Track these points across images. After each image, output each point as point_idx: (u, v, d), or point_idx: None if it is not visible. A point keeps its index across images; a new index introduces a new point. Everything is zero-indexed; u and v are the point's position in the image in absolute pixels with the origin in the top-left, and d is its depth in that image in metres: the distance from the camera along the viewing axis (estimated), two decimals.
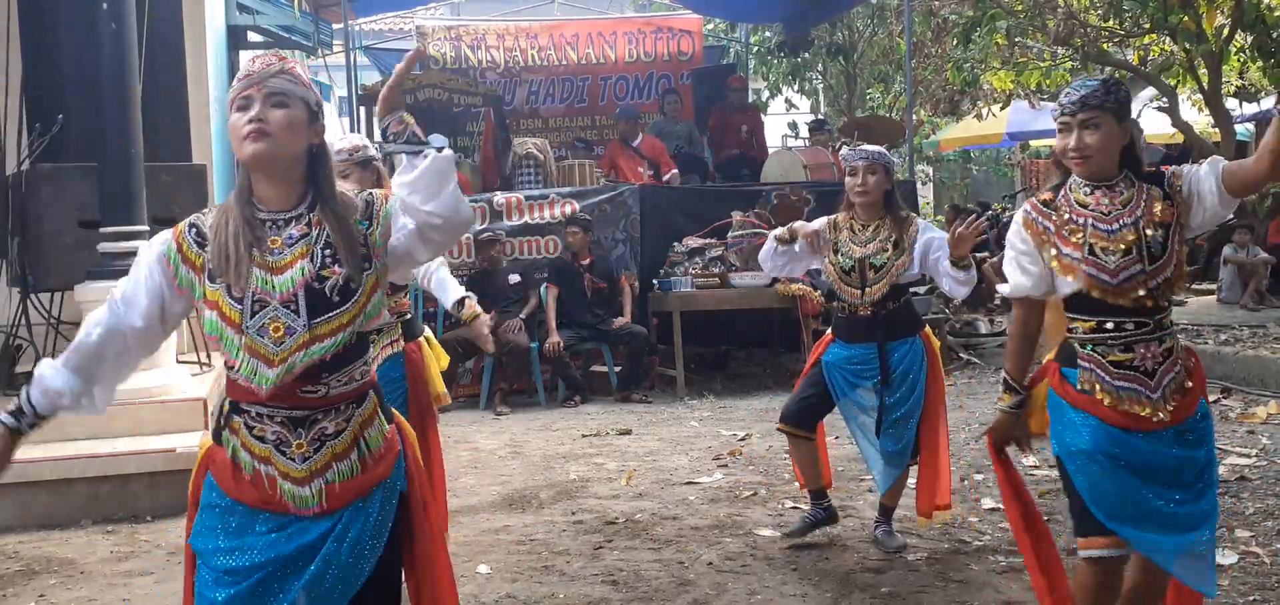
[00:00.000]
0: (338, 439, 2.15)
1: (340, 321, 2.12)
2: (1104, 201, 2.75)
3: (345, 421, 2.17)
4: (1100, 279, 2.71)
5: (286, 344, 2.08)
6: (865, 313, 4.26)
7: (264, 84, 2.10)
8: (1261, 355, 7.49)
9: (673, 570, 4.25)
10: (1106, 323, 2.74)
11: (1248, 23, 10.61)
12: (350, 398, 2.18)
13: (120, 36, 5.78)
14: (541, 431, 7.32)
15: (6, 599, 4.18)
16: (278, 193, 2.16)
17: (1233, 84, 13.53)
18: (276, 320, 2.09)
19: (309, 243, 2.13)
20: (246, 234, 2.11)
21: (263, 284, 2.10)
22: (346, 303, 2.12)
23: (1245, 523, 4.51)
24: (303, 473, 2.13)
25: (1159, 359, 2.72)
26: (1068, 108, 2.72)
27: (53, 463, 5.20)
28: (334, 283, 2.11)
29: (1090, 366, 2.75)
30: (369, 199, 2.22)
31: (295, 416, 2.13)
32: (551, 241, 9.06)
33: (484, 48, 12.57)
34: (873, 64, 16.07)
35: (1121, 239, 2.71)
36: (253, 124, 2.08)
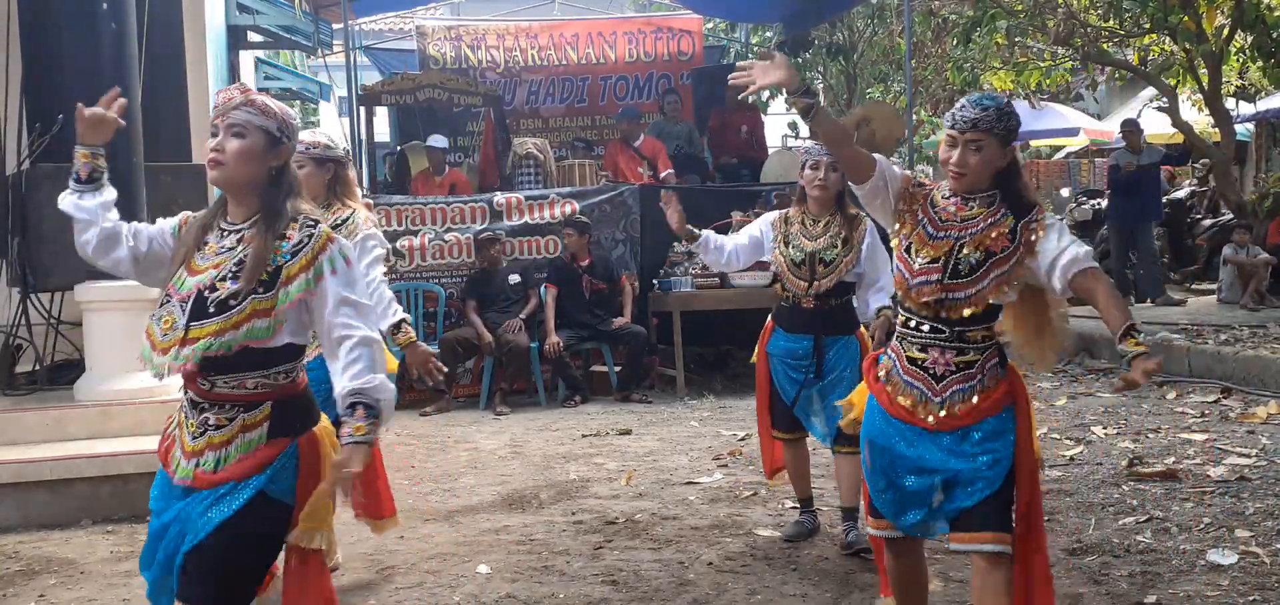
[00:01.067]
0: (217, 432, 2.42)
1: (210, 330, 2.35)
2: (949, 208, 2.84)
3: (227, 419, 2.42)
4: (902, 275, 2.86)
5: (169, 337, 2.39)
6: (808, 305, 4.36)
7: (227, 116, 2.41)
8: (1261, 355, 7.49)
9: (673, 570, 4.25)
10: (911, 320, 2.89)
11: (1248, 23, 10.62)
12: (238, 401, 2.42)
13: (120, 36, 5.78)
14: (541, 431, 7.32)
15: (6, 599, 4.18)
16: (237, 209, 2.49)
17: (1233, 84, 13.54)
18: (169, 315, 2.40)
19: (230, 255, 2.41)
20: (192, 240, 2.46)
21: (176, 281, 2.43)
22: (220, 315, 2.36)
23: (1245, 523, 4.51)
24: (190, 448, 2.44)
25: (950, 366, 2.82)
26: (959, 123, 2.76)
27: (53, 463, 5.20)
28: (219, 295, 2.37)
29: (892, 356, 2.93)
30: (307, 237, 2.42)
31: (192, 399, 2.46)
32: (551, 241, 9.07)
33: (484, 48, 12.57)
34: (873, 64, 16.07)
35: (936, 248, 2.81)
36: (212, 154, 2.42)
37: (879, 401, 2.92)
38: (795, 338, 4.40)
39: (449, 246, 8.95)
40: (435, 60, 12.32)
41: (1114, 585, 3.89)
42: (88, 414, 5.60)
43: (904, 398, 2.85)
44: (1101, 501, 4.95)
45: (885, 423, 2.89)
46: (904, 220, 2.89)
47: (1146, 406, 7.12)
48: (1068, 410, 7.09)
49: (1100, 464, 5.63)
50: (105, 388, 5.67)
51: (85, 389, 5.74)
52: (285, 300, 2.38)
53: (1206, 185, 13.59)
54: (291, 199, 2.47)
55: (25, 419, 5.60)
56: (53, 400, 5.86)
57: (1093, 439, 6.23)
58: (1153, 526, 4.55)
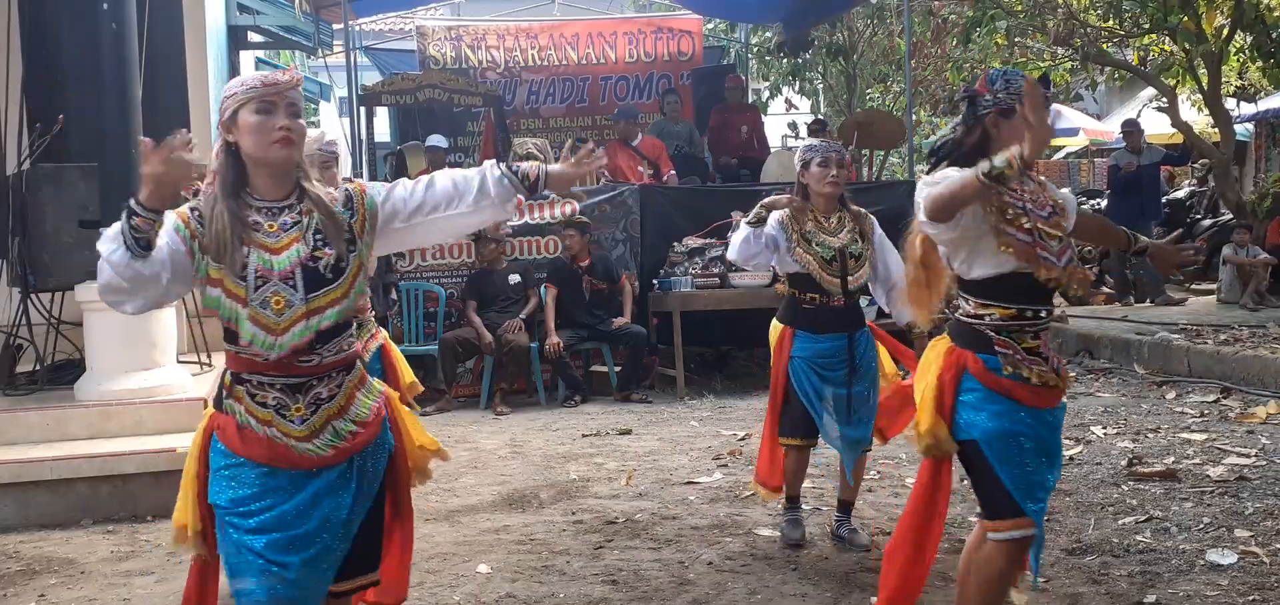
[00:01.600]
0: (331, 402, 2.44)
1: (334, 296, 2.41)
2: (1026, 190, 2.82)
3: (337, 387, 2.45)
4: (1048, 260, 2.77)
5: (286, 315, 2.36)
6: (838, 303, 4.31)
7: (287, 94, 2.42)
8: (1261, 355, 7.50)
9: (673, 570, 4.25)
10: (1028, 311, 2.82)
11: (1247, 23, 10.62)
12: (341, 366, 2.47)
13: (120, 36, 5.78)
14: (541, 431, 7.32)
15: (6, 599, 4.19)
16: (274, 185, 2.45)
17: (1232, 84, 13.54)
18: (278, 294, 2.37)
19: (301, 228, 2.42)
20: (236, 220, 2.37)
21: (263, 262, 2.38)
22: (338, 279, 2.42)
23: (1245, 522, 4.51)
24: (303, 432, 2.40)
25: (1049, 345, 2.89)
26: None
27: (53, 463, 5.20)
28: (326, 262, 2.41)
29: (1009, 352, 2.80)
30: (348, 192, 2.53)
31: (293, 383, 2.41)
32: (551, 241, 9.07)
33: (484, 48, 12.58)
34: (873, 64, 16.07)
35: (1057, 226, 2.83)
36: (284, 131, 2.39)
37: (1017, 397, 2.79)
38: (826, 338, 4.31)
39: (449, 246, 8.94)
40: (435, 60, 12.33)
41: (1113, 585, 3.89)
42: (88, 414, 5.60)
43: (1029, 379, 2.79)
44: (1101, 501, 4.95)
45: (1020, 413, 2.79)
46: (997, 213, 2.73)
47: (1146, 406, 7.12)
48: (1067, 410, 7.08)
49: (1100, 464, 5.63)
50: (105, 388, 5.67)
51: (85, 389, 5.74)
52: (367, 249, 2.50)
53: (1206, 185, 13.60)
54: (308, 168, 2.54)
55: (25, 419, 5.60)
56: (53, 400, 5.86)
57: (1092, 439, 6.23)
58: (1152, 526, 4.55)
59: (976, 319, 2.82)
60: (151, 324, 5.79)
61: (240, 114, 2.39)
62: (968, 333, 2.84)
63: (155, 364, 5.80)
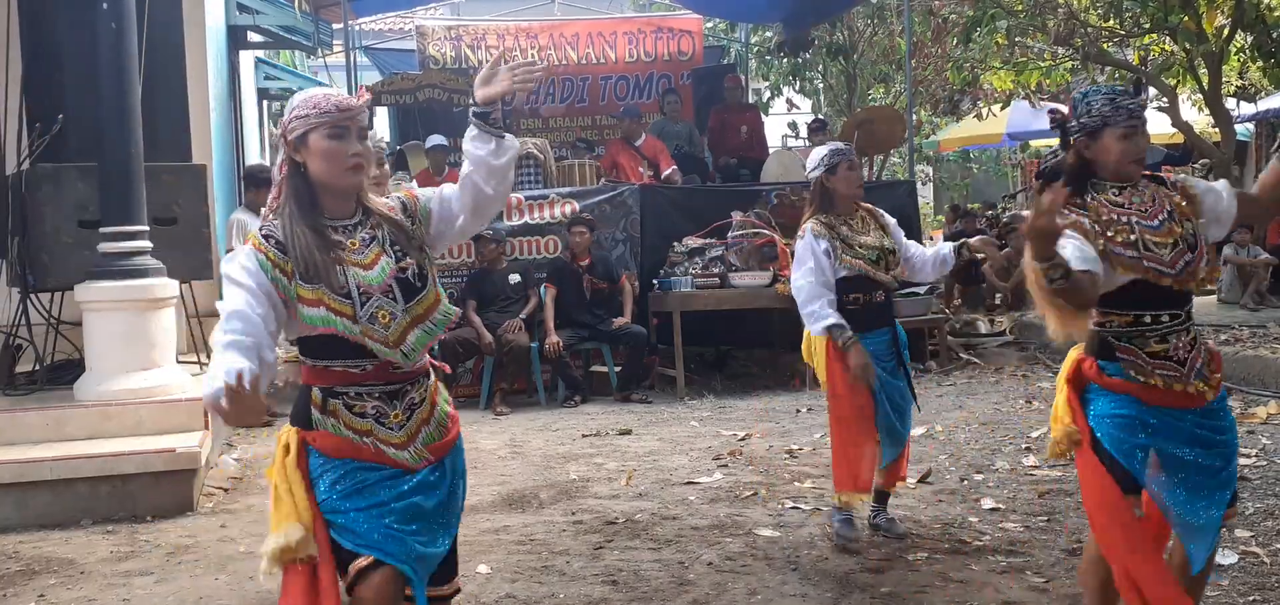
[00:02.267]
0: (422, 406, 2.53)
1: (428, 301, 2.49)
2: (1127, 200, 2.87)
3: (423, 392, 2.54)
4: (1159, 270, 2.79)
5: (393, 327, 2.42)
6: (880, 298, 4.43)
7: (357, 118, 2.46)
8: (1262, 355, 7.49)
9: (673, 570, 4.24)
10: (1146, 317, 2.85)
11: (1248, 23, 10.61)
12: (423, 372, 2.56)
13: (120, 36, 5.78)
14: (541, 431, 7.32)
15: (6, 599, 4.18)
16: (343, 205, 2.50)
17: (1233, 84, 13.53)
18: (382, 308, 2.42)
19: (380, 243, 2.49)
20: (322, 243, 2.41)
21: (362, 279, 2.43)
22: (426, 286, 2.50)
23: (1245, 522, 4.51)
24: (401, 438, 2.48)
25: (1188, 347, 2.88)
26: (1136, 115, 2.87)
27: (52, 463, 5.20)
28: (413, 270, 2.49)
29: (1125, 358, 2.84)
30: (402, 201, 2.58)
31: (390, 390, 2.48)
32: (551, 241, 9.07)
33: (484, 48, 12.57)
34: (873, 64, 16.07)
35: (1169, 233, 2.83)
36: (357, 158, 2.45)
37: (1136, 395, 2.82)
38: (874, 335, 4.37)
39: (448, 246, 8.94)
40: (435, 60, 12.32)
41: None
42: (88, 414, 5.60)
43: (1158, 379, 2.81)
44: None
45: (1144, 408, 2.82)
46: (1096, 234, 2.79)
47: None
48: None
49: None
50: (105, 388, 5.67)
51: (85, 389, 5.74)
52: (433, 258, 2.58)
53: None
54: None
55: (25, 419, 5.60)
56: (53, 400, 5.86)
57: None
58: None
59: (1100, 327, 2.89)
60: (151, 324, 5.79)
61: (310, 137, 2.41)
62: (1094, 340, 2.91)
63: (154, 364, 5.80)
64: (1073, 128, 2.90)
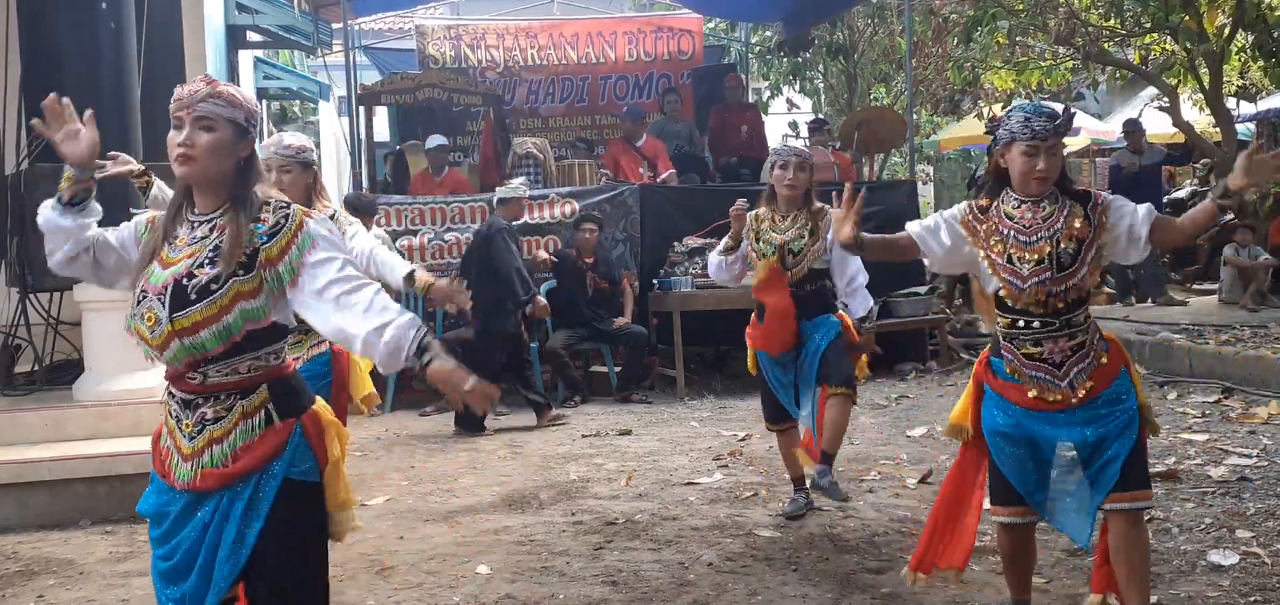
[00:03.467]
0: (217, 424, 2.32)
1: (195, 318, 2.25)
2: (1026, 214, 3.09)
3: (225, 410, 2.32)
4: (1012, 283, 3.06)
5: (156, 333, 2.28)
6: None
7: (193, 108, 2.30)
8: (1263, 356, 7.48)
9: (673, 570, 4.24)
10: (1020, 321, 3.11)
11: (1249, 22, 10.61)
12: (233, 388, 2.33)
13: (120, 36, 5.77)
14: (541, 431, 7.31)
15: (6, 599, 4.18)
16: (204, 200, 2.37)
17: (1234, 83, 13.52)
18: (150, 310, 2.30)
19: (204, 243, 2.32)
20: (159, 235, 2.36)
21: (151, 276, 2.33)
22: (202, 301, 2.26)
23: (1246, 523, 4.50)
24: (188, 451, 2.33)
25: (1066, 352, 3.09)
26: (1040, 133, 3.00)
27: (52, 463, 5.20)
28: (198, 281, 2.27)
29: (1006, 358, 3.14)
30: (283, 219, 2.33)
31: (185, 398, 2.35)
32: (551, 241, 9.06)
33: (484, 47, 12.57)
34: (873, 64, 16.06)
35: (1038, 250, 3.05)
36: (181, 149, 2.30)
37: (1009, 397, 3.13)
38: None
39: (448, 246, 8.95)
40: (435, 60, 12.32)
41: None
42: (87, 414, 5.60)
43: (1032, 389, 3.09)
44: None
45: (1020, 414, 3.12)
46: (987, 242, 3.11)
47: None
48: None
49: None
50: (104, 388, 5.66)
51: (84, 389, 5.73)
52: (275, 282, 2.29)
53: (1208, 185, 13.58)
54: (258, 185, 2.38)
55: (25, 419, 5.60)
56: (52, 400, 5.85)
57: None
58: (1153, 527, 4.54)
59: (997, 328, 3.20)
60: None
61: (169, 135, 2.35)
62: (992, 339, 3.25)
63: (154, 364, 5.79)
64: (997, 137, 3.10)
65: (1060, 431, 3.10)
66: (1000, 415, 3.16)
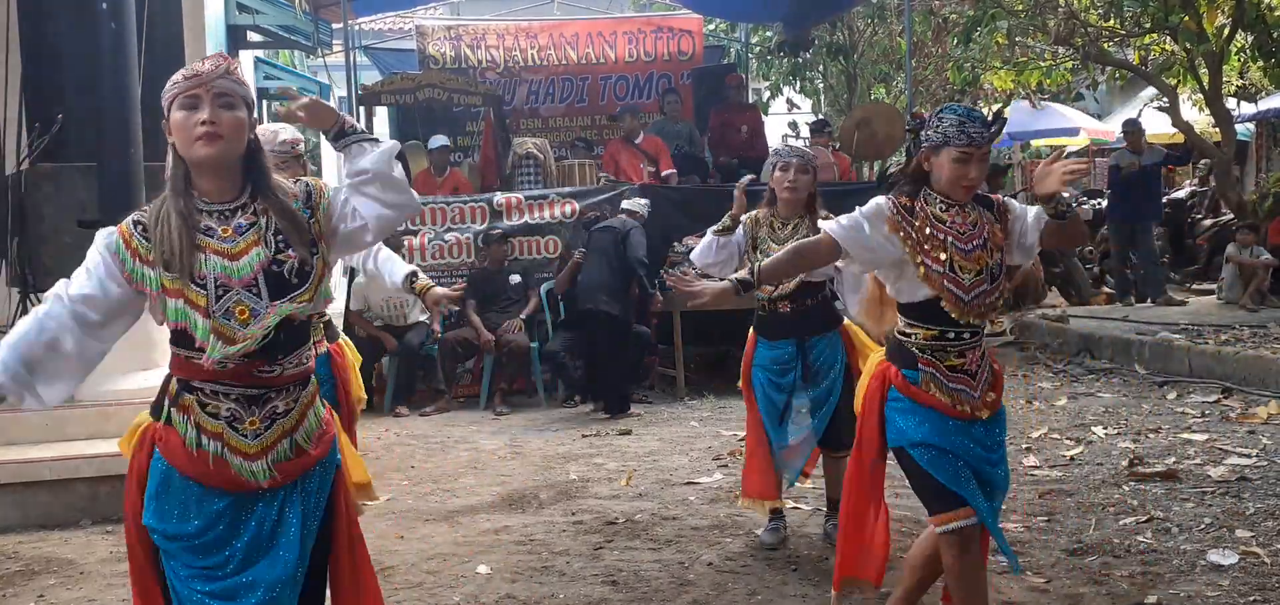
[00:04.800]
0: (287, 417, 2.29)
1: (302, 301, 2.25)
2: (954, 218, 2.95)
3: (293, 401, 2.31)
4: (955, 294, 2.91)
5: (251, 325, 2.20)
6: (784, 308, 4.33)
7: (212, 85, 2.21)
8: (1262, 355, 7.49)
9: (673, 570, 4.24)
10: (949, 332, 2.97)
11: (1248, 22, 10.61)
12: (298, 379, 2.32)
13: (120, 36, 5.77)
14: (541, 431, 7.32)
15: (6, 599, 4.18)
16: (219, 186, 2.27)
17: (1233, 84, 13.52)
18: (241, 303, 2.21)
19: (259, 230, 2.25)
20: (186, 225, 2.21)
21: (223, 270, 2.22)
22: (304, 283, 2.26)
23: (1246, 522, 4.51)
24: (255, 448, 2.25)
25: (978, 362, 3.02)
26: (976, 140, 2.88)
27: (52, 463, 5.20)
28: (290, 265, 2.25)
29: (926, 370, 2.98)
30: (308, 188, 2.35)
31: (250, 394, 2.26)
32: (551, 241, 9.07)
33: (484, 47, 12.56)
34: (873, 64, 16.06)
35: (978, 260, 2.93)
36: (206, 127, 2.19)
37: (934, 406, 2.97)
38: (778, 345, 4.36)
39: (449, 246, 8.95)
40: (435, 60, 12.32)
41: (1114, 585, 3.88)
42: (88, 414, 5.60)
43: (944, 397, 2.97)
44: (1102, 502, 4.94)
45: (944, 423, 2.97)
46: (917, 246, 2.92)
47: (1147, 407, 7.11)
48: (1068, 410, 7.09)
49: (1100, 464, 5.62)
50: (105, 388, 5.66)
51: (85, 389, 5.72)
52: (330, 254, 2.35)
53: (1207, 185, 13.59)
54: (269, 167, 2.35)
55: (25, 419, 5.59)
56: None
57: (1093, 439, 6.22)
58: (1153, 527, 4.54)
59: (905, 337, 3.02)
60: (151, 324, 5.77)
61: (171, 112, 2.23)
62: (896, 349, 3.05)
63: (155, 364, 5.79)
64: (924, 137, 2.96)
65: (973, 447, 2.98)
66: (923, 426, 2.96)
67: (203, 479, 2.25)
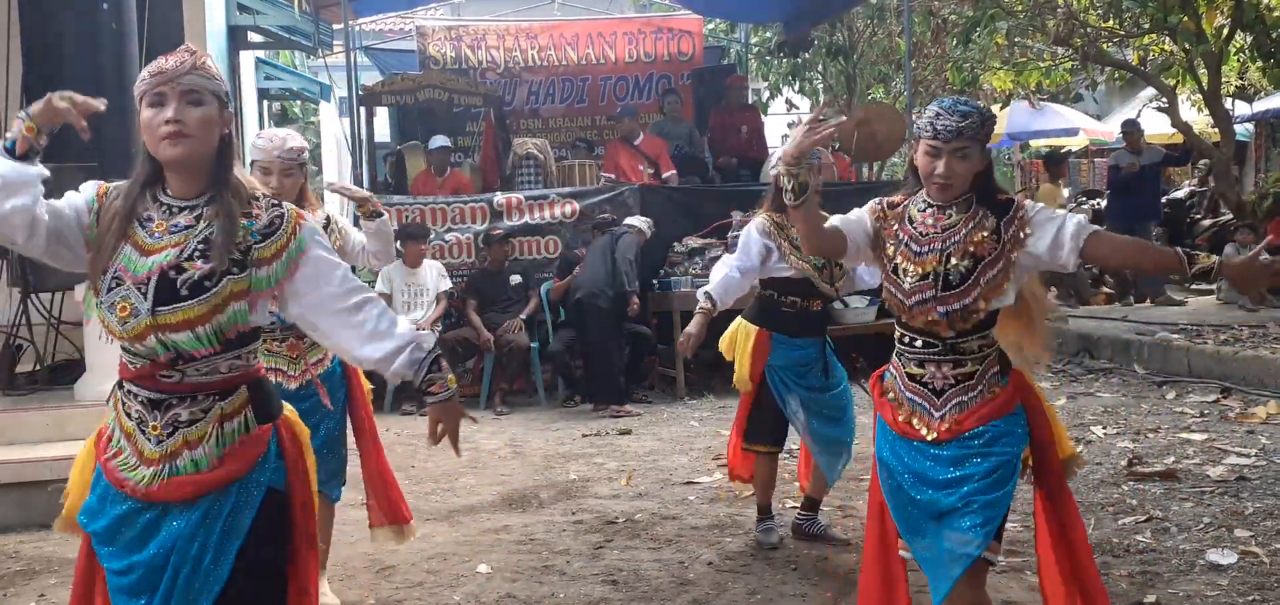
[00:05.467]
0: (191, 428, 2.14)
1: (185, 315, 2.08)
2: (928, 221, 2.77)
3: (202, 412, 2.15)
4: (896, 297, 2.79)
5: (129, 325, 2.09)
6: (817, 307, 4.38)
7: (178, 81, 2.12)
8: (1261, 355, 7.50)
9: (673, 570, 4.25)
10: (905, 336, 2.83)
11: (1247, 23, 10.62)
12: (211, 389, 2.16)
13: (120, 36, 5.78)
14: (541, 431, 7.33)
15: (7, 598, 4.19)
16: (184, 183, 2.18)
17: (1232, 84, 13.53)
18: (125, 301, 2.10)
19: (190, 233, 2.14)
20: (123, 220, 2.14)
21: (127, 262, 2.12)
22: (194, 298, 2.09)
23: (1245, 522, 4.51)
24: (155, 454, 2.13)
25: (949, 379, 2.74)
26: (942, 133, 2.66)
27: (53, 463, 5.20)
28: (189, 275, 2.10)
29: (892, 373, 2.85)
30: (277, 219, 2.19)
31: (154, 398, 2.14)
32: (552, 241, 9.08)
33: (484, 48, 12.58)
34: (873, 64, 16.07)
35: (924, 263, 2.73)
36: (171, 125, 2.10)
37: (884, 418, 2.84)
38: (804, 344, 4.38)
39: (449, 247, 8.96)
40: (435, 60, 12.33)
41: (1114, 585, 3.89)
42: (88, 414, 5.60)
43: (902, 412, 2.80)
44: (1101, 501, 4.95)
45: (893, 441, 2.81)
46: (884, 245, 2.83)
47: (1146, 406, 7.12)
48: (1068, 410, 7.10)
49: (1100, 464, 5.63)
50: (106, 388, 5.60)
51: (86, 389, 5.74)
52: (265, 283, 2.14)
53: (1206, 185, 13.60)
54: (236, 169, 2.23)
55: (27, 418, 5.60)
56: (53, 400, 5.86)
57: (1092, 439, 6.23)
58: (1152, 526, 4.55)
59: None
60: None
61: (141, 109, 2.15)
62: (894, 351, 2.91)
63: None
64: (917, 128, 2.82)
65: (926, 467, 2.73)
66: (880, 437, 2.85)
67: (113, 481, 2.16)
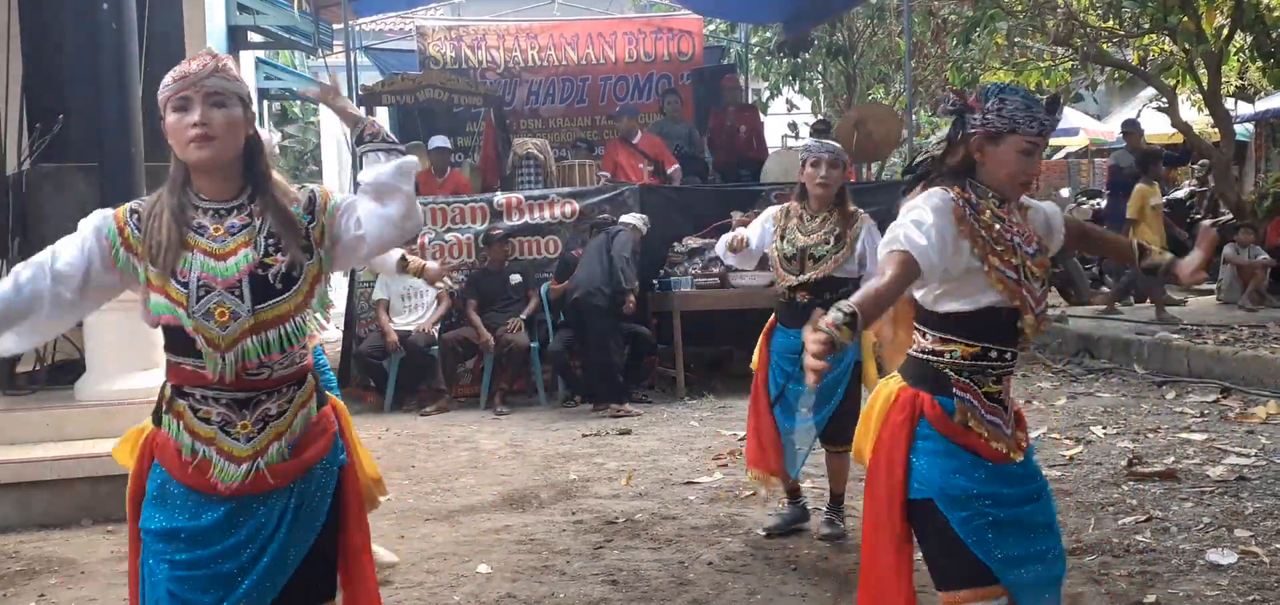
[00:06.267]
0: (280, 419, 2.22)
1: (284, 308, 2.19)
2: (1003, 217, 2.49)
3: (287, 402, 2.24)
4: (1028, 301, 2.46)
5: (231, 329, 2.14)
6: (803, 299, 4.39)
7: (201, 85, 2.16)
8: (1261, 355, 7.50)
9: (673, 570, 4.25)
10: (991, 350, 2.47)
11: (1247, 23, 10.63)
12: (292, 379, 2.25)
13: (120, 36, 5.78)
14: (541, 431, 7.33)
15: (7, 598, 4.19)
16: (218, 185, 2.23)
17: (1232, 84, 13.54)
18: (221, 305, 2.14)
19: (252, 231, 2.21)
20: (176, 221, 2.17)
21: (206, 269, 2.16)
22: (289, 290, 2.19)
23: (1245, 522, 4.51)
24: (246, 452, 2.19)
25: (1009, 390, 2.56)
26: (1046, 128, 2.44)
27: (52, 463, 5.21)
28: (277, 269, 2.19)
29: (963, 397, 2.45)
30: (311, 193, 2.31)
31: (240, 398, 2.20)
32: (552, 241, 9.07)
33: (484, 48, 12.58)
34: (873, 64, 16.08)
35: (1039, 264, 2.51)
36: (198, 128, 2.14)
37: (981, 453, 2.45)
38: (794, 333, 4.39)
39: (449, 247, 8.96)
40: (435, 60, 12.33)
41: (1113, 585, 3.89)
42: (88, 414, 5.61)
43: (982, 431, 2.46)
44: (1101, 501, 4.95)
45: (980, 468, 2.45)
46: (993, 246, 2.42)
47: (1146, 406, 7.12)
48: (1067, 410, 7.10)
49: (1100, 464, 5.63)
50: (105, 387, 5.67)
51: (85, 389, 5.75)
52: (329, 258, 2.28)
53: (1206, 185, 13.60)
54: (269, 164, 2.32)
55: (26, 418, 5.60)
56: (53, 400, 5.86)
57: (1092, 439, 6.23)
58: (1152, 526, 4.55)
59: (935, 356, 2.47)
60: None
61: (165, 114, 2.19)
62: (921, 371, 2.49)
63: (155, 364, 5.80)
64: (974, 123, 2.46)
65: (1015, 489, 2.46)
66: (957, 475, 2.42)
67: (197, 486, 2.19)
